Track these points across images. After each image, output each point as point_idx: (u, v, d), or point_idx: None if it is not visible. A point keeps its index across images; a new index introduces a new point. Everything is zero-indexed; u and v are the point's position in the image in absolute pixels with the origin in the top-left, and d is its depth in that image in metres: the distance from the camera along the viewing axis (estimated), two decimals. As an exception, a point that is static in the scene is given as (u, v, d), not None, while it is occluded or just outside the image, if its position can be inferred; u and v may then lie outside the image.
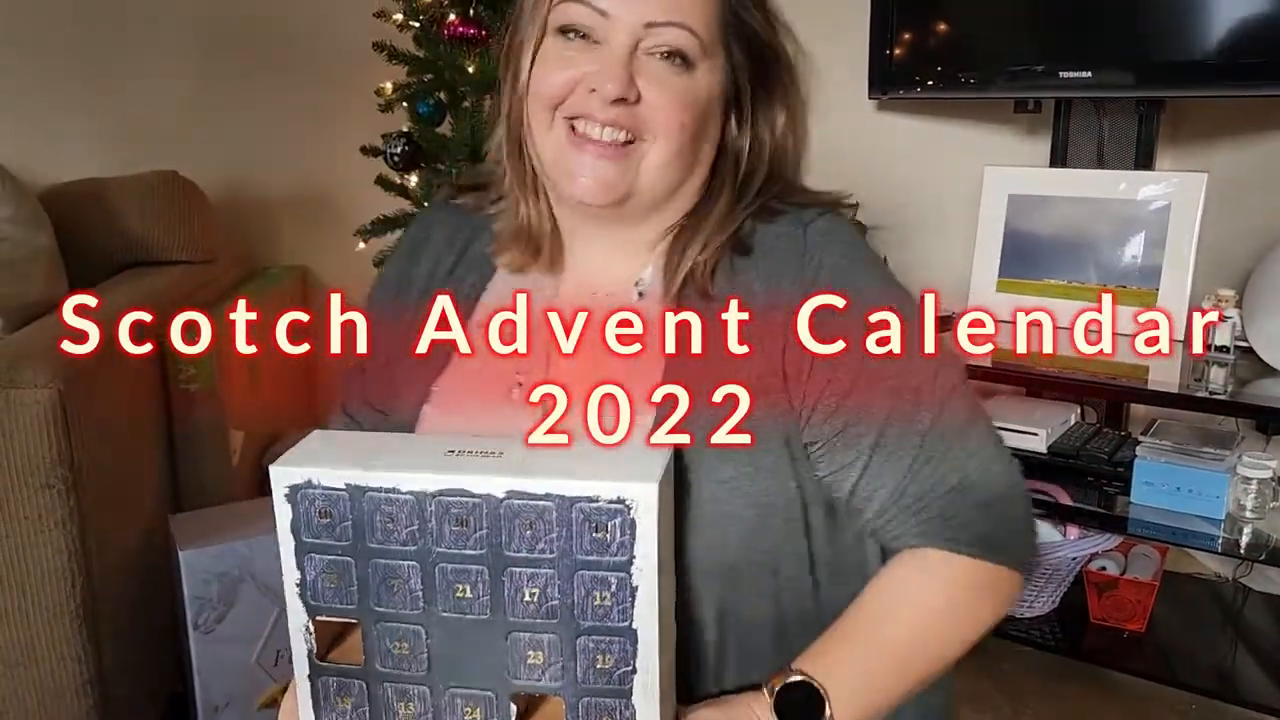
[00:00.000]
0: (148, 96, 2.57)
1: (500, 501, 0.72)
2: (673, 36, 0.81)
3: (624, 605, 0.73)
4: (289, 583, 0.76)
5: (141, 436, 1.89)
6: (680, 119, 0.82)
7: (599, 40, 0.82)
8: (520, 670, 0.75)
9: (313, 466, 0.74)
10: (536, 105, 0.85)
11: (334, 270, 2.66)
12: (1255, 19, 1.81)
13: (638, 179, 0.84)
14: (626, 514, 0.71)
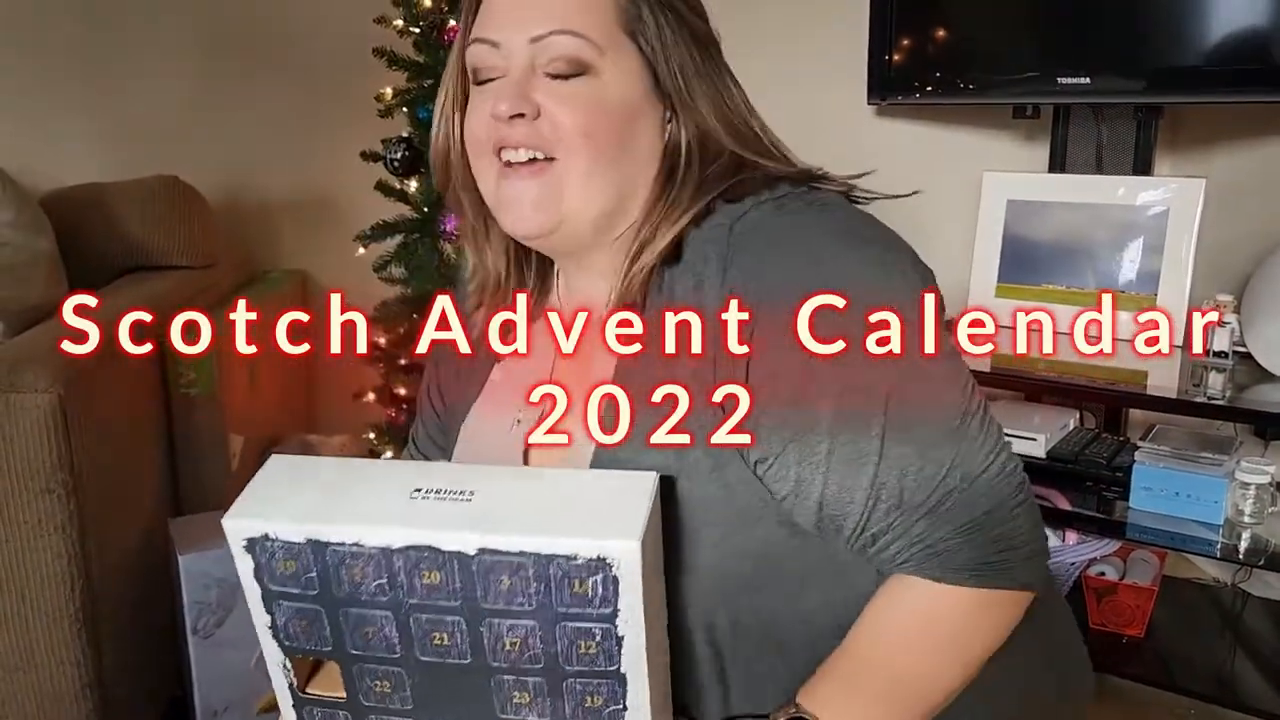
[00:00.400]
0: (148, 100, 2.57)
1: (472, 558, 0.68)
2: (562, 46, 0.81)
3: (610, 652, 0.70)
4: (260, 625, 0.74)
5: (141, 440, 1.89)
6: (584, 128, 0.81)
7: (502, 73, 0.83)
8: (508, 708, 0.73)
9: (267, 520, 0.70)
10: (474, 154, 0.86)
11: (333, 275, 2.67)
12: (1253, 26, 1.81)
13: (564, 202, 0.82)
14: (608, 571, 0.67)
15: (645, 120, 0.84)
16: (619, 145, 0.82)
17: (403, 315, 2.08)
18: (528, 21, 0.81)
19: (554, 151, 0.81)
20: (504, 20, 0.83)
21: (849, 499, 0.76)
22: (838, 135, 2.48)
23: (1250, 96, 1.88)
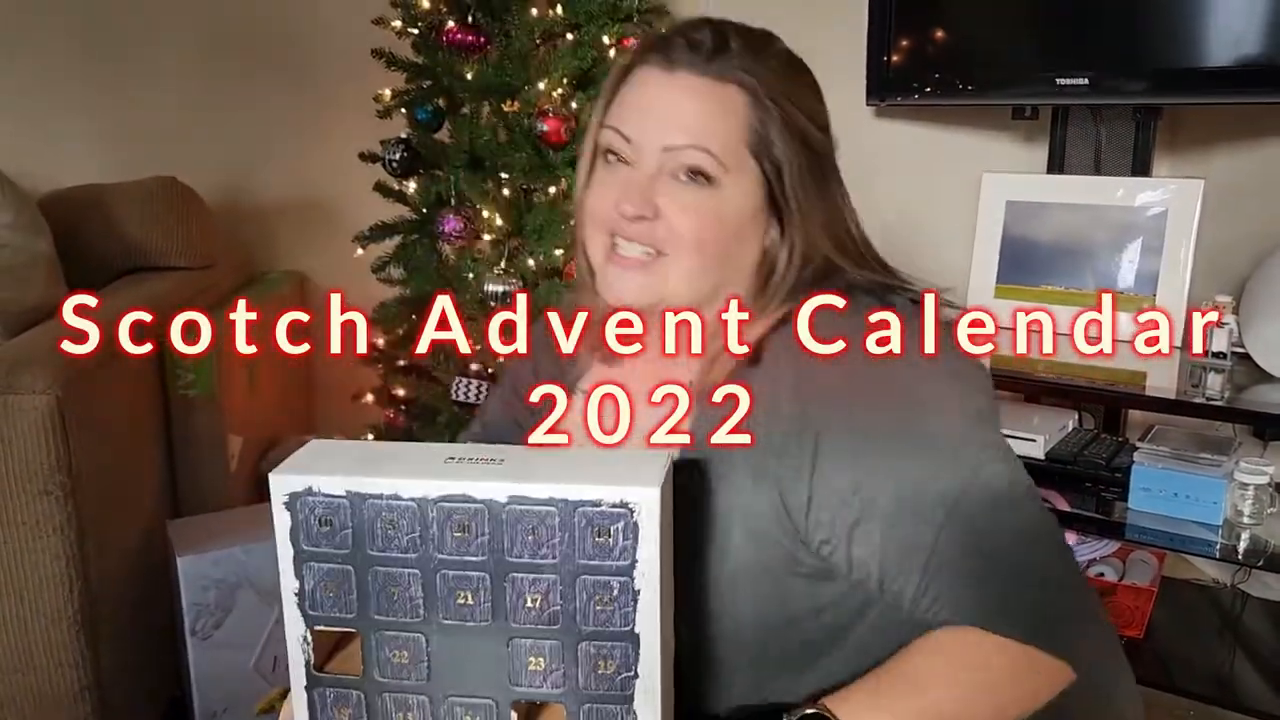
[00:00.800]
0: (147, 101, 2.57)
1: (503, 506, 0.72)
2: (690, 158, 0.86)
3: (626, 610, 0.73)
4: (287, 592, 0.75)
5: (140, 442, 1.89)
6: (699, 235, 0.87)
7: (630, 163, 0.89)
8: (521, 677, 0.75)
9: (312, 474, 0.73)
10: (590, 225, 0.93)
11: (332, 276, 2.66)
12: (1251, 27, 1.81)
13: (665, 288, 0.90)
14: (630, 518, 0.71)
15: (753, 231, 0.91)
16: (725, 253, 0.89)
17: (401, 316, 2.08)
18: (664, 130, 0.87)
19: (664, 249, 0.88)
20: (643, 122, 0.89)
21: (905, 579, 0.82)
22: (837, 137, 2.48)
23: (1248, 98, 1.88)
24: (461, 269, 1.98)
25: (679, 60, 0.87)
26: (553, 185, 1.95)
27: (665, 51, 0.88)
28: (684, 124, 0.87)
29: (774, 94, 0.88)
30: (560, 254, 1.95)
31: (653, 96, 0.88)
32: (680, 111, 0.87)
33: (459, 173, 1.96)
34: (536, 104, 1.93)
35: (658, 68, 0.88)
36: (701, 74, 0.87)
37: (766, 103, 0.87)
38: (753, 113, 0.87)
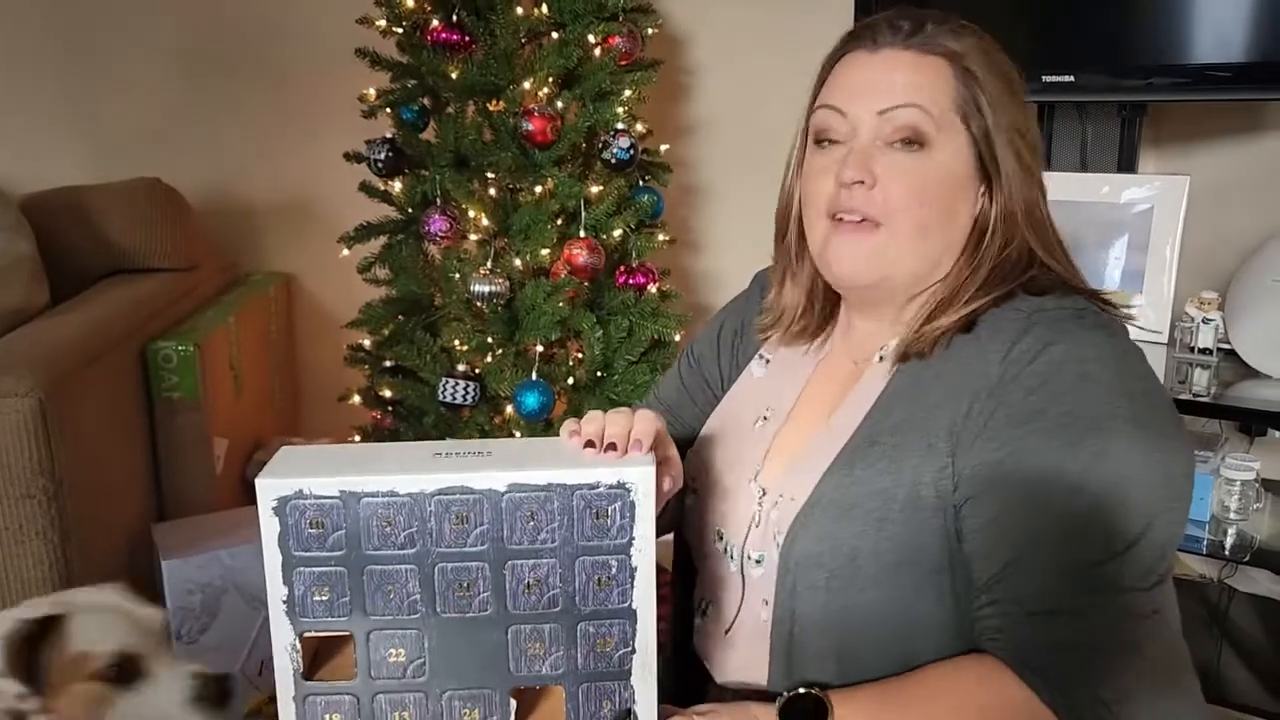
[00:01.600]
0: (129, 102, 2.56)
1: (502, 495, 0.73)
2: (905, 117, 0.89)
3: (624, 587, 0.75)
4: (274, 600, 0.75)
5: (123, 445, 1.88)
6: (915, 201, 0.90)
7: (844, 140, 0.93)
8: (521, 663, 0.76)
9: (302, 477, 0.73)
10: (810, 209, 0.96)
11: (318, 277, 2.65)
12: (1235, 24, 1.82)
13: (888, 260, 0.91)
14: (627, 497, 0.74)
15: (964, 195, 0.92)
16: (941, 217, 0.91)
17: (387, 317, 2.07)
18: (877, 95, 0.91)
19: (882, 219, 0.90)
20: (855, 92, 0.92)
21: (988, 561, 0.83)
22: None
23: (1233, 95, 1.89)
24: (447, 269, 1.97)
25: (883, 40, 0.92)
26: (538, 185, 1.95)
27: (869, 35, 0.93)
28: (894, 88, 0.90)
29: (976, 65, 0.91)
30: (546, 254, 1.94)
31: (863, 72, 0.92)
32: (890, 79, 0.90)
33: (444, 172, 1.95)
34: (521, 103, 1.92)
35: (863, 49, 0.93)
36: (905, 47, 0.91)
37: (970, 70, 0.91)
38: (958, 81, 0.90)
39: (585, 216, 1.96)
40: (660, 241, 2.10)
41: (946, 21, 0.93)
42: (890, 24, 0.93)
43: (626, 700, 0.78)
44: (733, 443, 1.02)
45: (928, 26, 0.92)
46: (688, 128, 2.54)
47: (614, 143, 1.97)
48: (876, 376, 0.94)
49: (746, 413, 1.04)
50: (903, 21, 0.93)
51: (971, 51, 0.92)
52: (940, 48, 0.91)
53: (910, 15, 0.93)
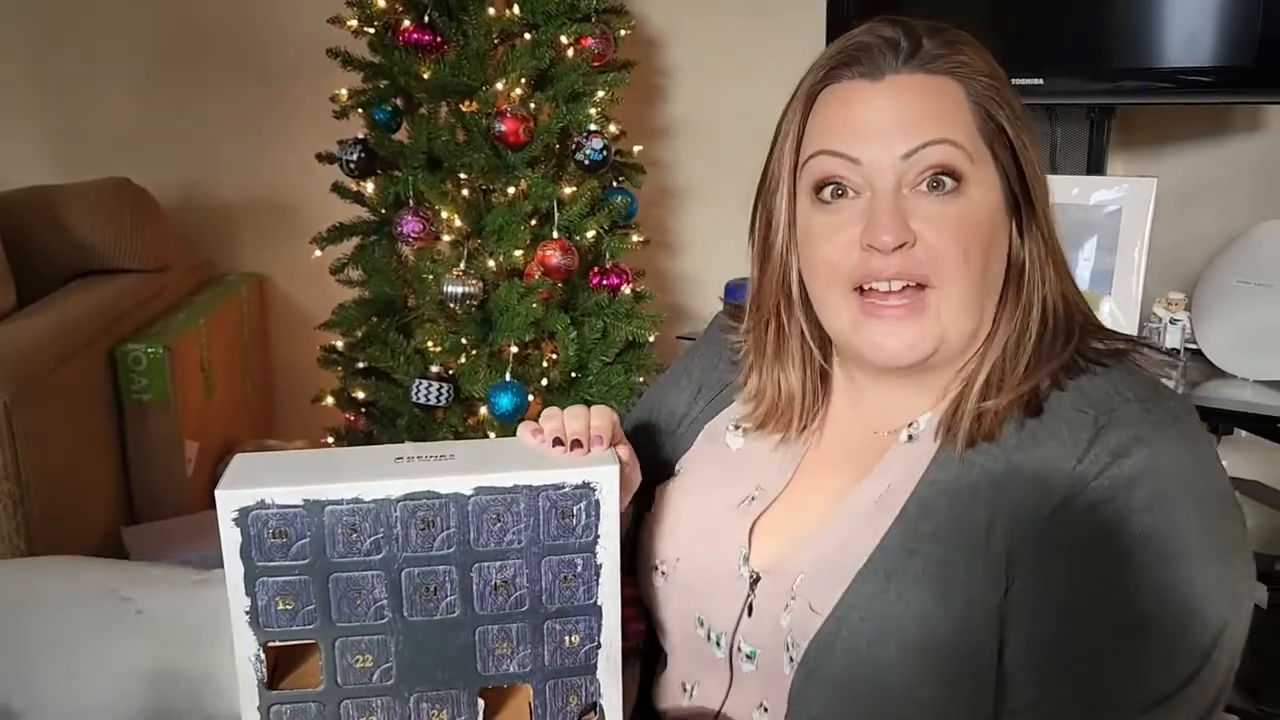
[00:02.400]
0: (98, 100, 2.53)
1: (469, 499, 0.73)
2: (936, 156, 0.76)
3: (589, 584, 0.76)
4: (237, 611, 0.74)
5: (92, 448, 1.86)
6: (962, 252, 0.76)
7: (858, 191, 0.78)
8: (488, 663, 0.77)
9: (263, 487, 0.72)
10: (823, 282, 0.80)
11: (291, 278, 2.64)
12: (1203, 29, 1.84)
13: (940, 328, 0.77)
14: (591, 496, 0.75)
15: (1001, 235, 0.79)
16: (985, 266, 0.77)
17: (360, 318, 2.06)
18: (896, 134, 0.76)
19: (929, 280, 0.76)
20: (865, 132, 0.77)
21: (1023, 681, 0.73)
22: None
23: (1201, 98, 1.91)
24: (421, 270, 1.97)
25: (884, 65, 0.77)
26: (511, 186, 1.94)
27: (864, 59, 0.78)
28: (915, 123, 0.76)
29: (987, 77, 0.79)
30: (520, 255, 1.94)
31: (868, 107, 0.77)
32: (906, 114, 0.76)
33: (417, 173, 1.94)
34: (494, 104, 1.92)
35: (861, 79, 0.78)
36: (913, 71, 0.77)
37: (984, 89, 0.78)
38: (974, 102, 0.78)
39: (559, 217, 1.96)
40: (634, 242, 2.10)
41: (938, 31, 0.80)
42: (885, 42, 0.78)
43: (592, 694, 0.79)
44: (711, 525, 0.88)
45: (924, 41, 0.78)
46: (662, 130, 2.55)
47: (587, 144, 1.97)
48: (908, 458, 0.80)
49: (726, 491, 0.89)
50: (895, 36, 0.78)
51: (977, 61, 0.79)
52: (948, 64, 0.78)
53: (901, 28, 0.79)
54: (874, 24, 0.80)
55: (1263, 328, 1.77)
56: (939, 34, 0.80)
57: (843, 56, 0.79)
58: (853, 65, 0.79)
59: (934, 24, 0.81)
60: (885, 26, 0.79)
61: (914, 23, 0.80)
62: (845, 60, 0.79)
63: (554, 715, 0.79)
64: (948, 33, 0.80)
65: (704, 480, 0.91)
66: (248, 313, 2.54)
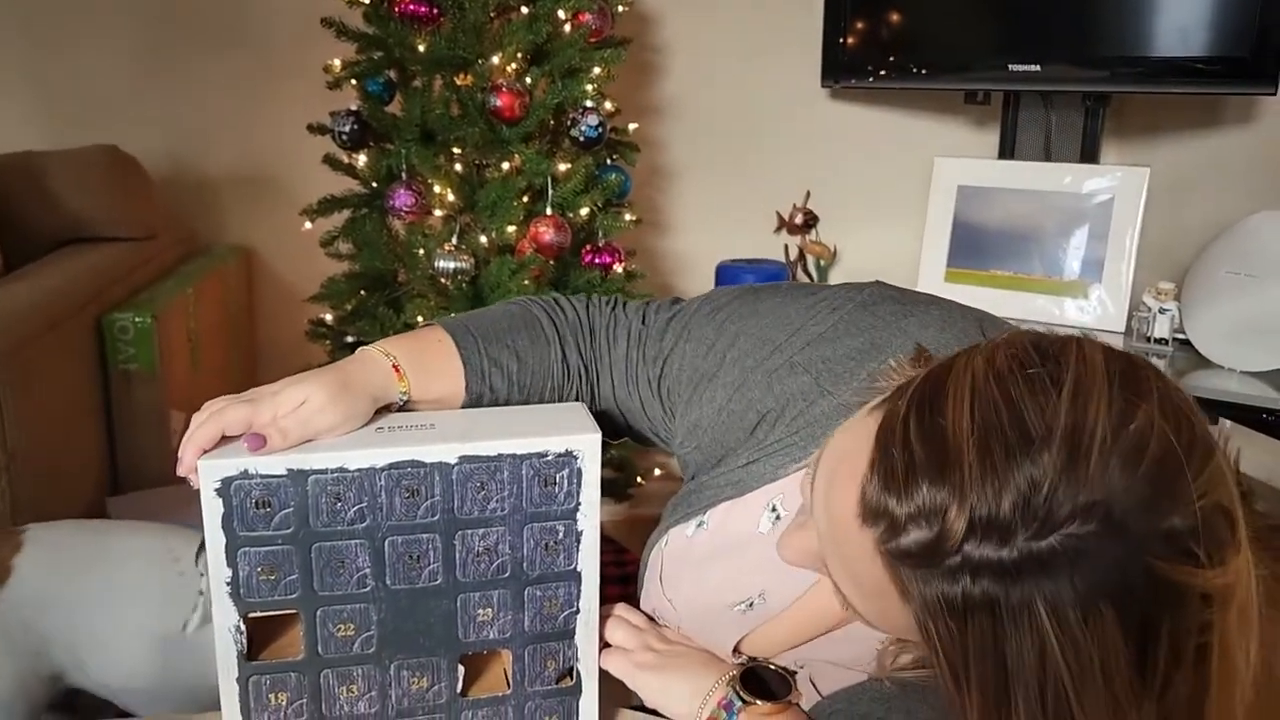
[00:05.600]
0: (86, 67, 2.50)
1: (453, 467, 0.74)
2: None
3: (570, 550, 0.78)
4: (217, 582, 0.74)
5: (78, 417, 1.85)
6: None
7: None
8: (469, 630, 0.78)
9: (245, 456, 0.72)
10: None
11: (280, 250, 2.62)
12: (1198, 19, 1.84)
13: None
14: (574, 464, 0.76)
15: None
16: None
17: (350, 292, 2.05)
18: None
19: None
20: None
21: None
22: (792, 117, 2.49)
23: (1194, 88, 1.91)
24: (412, 244, 1.95)
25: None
26: (505, 161, 1.93)
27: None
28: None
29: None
30: (512, 231, 1.93)
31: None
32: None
33: (410, 146, 1.93)
34: (490, 78, 1.90)
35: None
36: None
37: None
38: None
39: (552, 194, 1.95)
40: (628, 221, 2.09)
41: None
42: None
43: (570, 659, 0.81)
44: (705, 614, 0.85)
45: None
46: (655, 108, 2.53)
47: (582, 120, 1.96)
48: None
49: (728, 582, 0.83)
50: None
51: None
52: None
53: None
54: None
55: (1251, 319, 1.78)
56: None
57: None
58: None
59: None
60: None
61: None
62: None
63: (532, 680, 0.80)
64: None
65: (712, 557, 0.85)
66: (235, 284, 2.52)
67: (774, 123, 2.49)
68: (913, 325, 0.80)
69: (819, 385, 0.81)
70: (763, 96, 2.49)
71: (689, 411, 0.88)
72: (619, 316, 0.94)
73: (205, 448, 0.73)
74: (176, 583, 1.21)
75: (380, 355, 0.81)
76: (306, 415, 0.74)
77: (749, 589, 0.83)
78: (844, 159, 2.49)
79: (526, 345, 0.88)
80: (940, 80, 2.13)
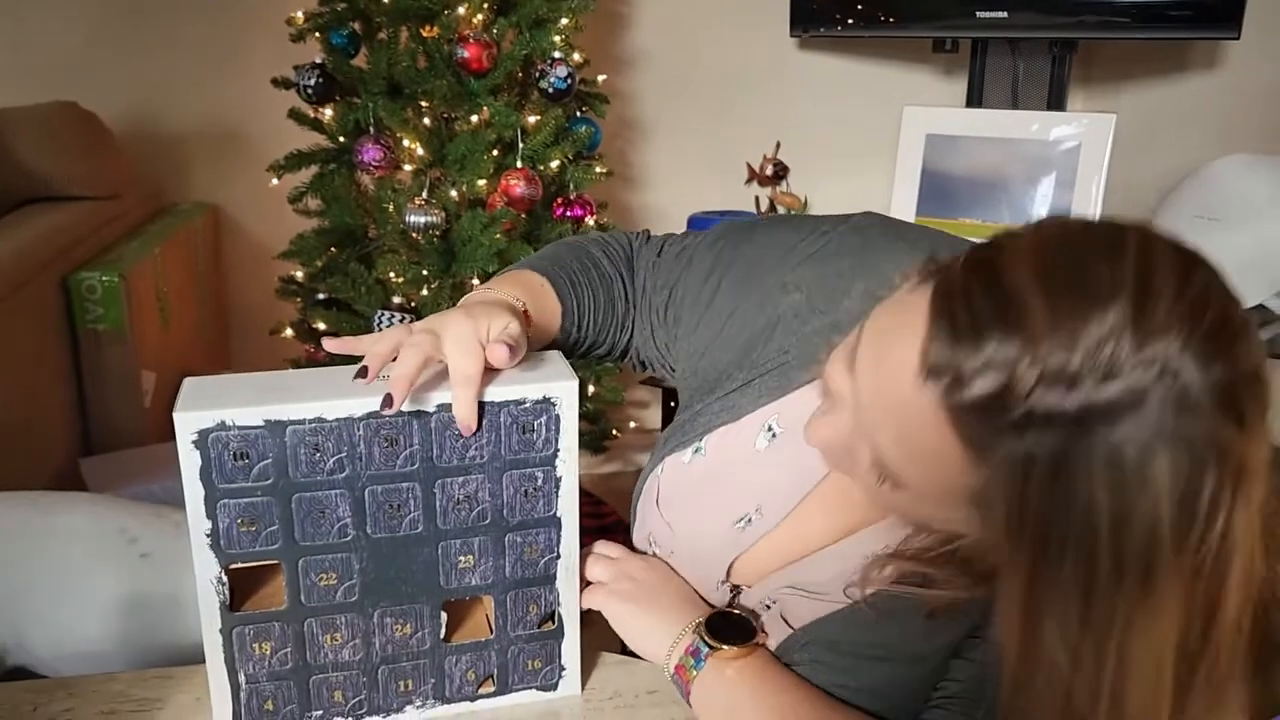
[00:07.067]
0: (44, 22, 2.44)
1: (431, 416, 0.74)
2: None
3: (549, 496, 0.78)
4: (197, 534, 0.74)
5: (47, 379, 1.83)
6: None
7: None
8: (451, 577, 0.79)
9: (222, 408, 0.71)
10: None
11: (246, 207, 2.59)
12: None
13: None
14: (552, 411, 0.76)
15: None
16: None
17: (320, 248, 2.04)
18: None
19: None
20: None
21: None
22: (761, 67, 2.48)
23: (1159, 34, 1.93)
24: (382, 199, 1.94)
25: None
26: (474, 114, 1.91)
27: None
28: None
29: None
30: (483, 184, 1.92)
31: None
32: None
33: (377, 100, 1.91)
34: (456, 29, 1.88)
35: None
36: None
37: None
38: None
39: (522, 147, 1.94)
40: (598, 174, 2.09)
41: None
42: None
43: (551, 603, 0.82)
44: (701, 539, 0.87)
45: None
46: (624, 60, 2.52)
47: (551, 72, 1.94)
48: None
49: (725, 502, 0.85)
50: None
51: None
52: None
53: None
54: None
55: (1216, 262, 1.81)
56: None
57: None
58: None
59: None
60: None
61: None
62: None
63: (514, 625, 0.82)
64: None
65: (710, 480, 0.87)
66: (203, 242, 2.49)
67: (744, 74, 2.48)
68: (903, 247, 0.82)
69: (810, 304, 0.83)
70: (732, 48, 2.48)
71: (690, 338, 0.90)
72: (645, 251, 0.97)
73: (413, 380, 0.70)
74: (133, 563, 1.17)
75: (513, 301, 0.82)
76: (518, 334, 0.75)
77: (746, 505, 0.85)
78: (813, 110, 2.49)
79: (599, 287, 0.92)
80: (908, 28, 2.13)
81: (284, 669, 0.79)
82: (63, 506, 1.23)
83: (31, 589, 1.14)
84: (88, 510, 1.23)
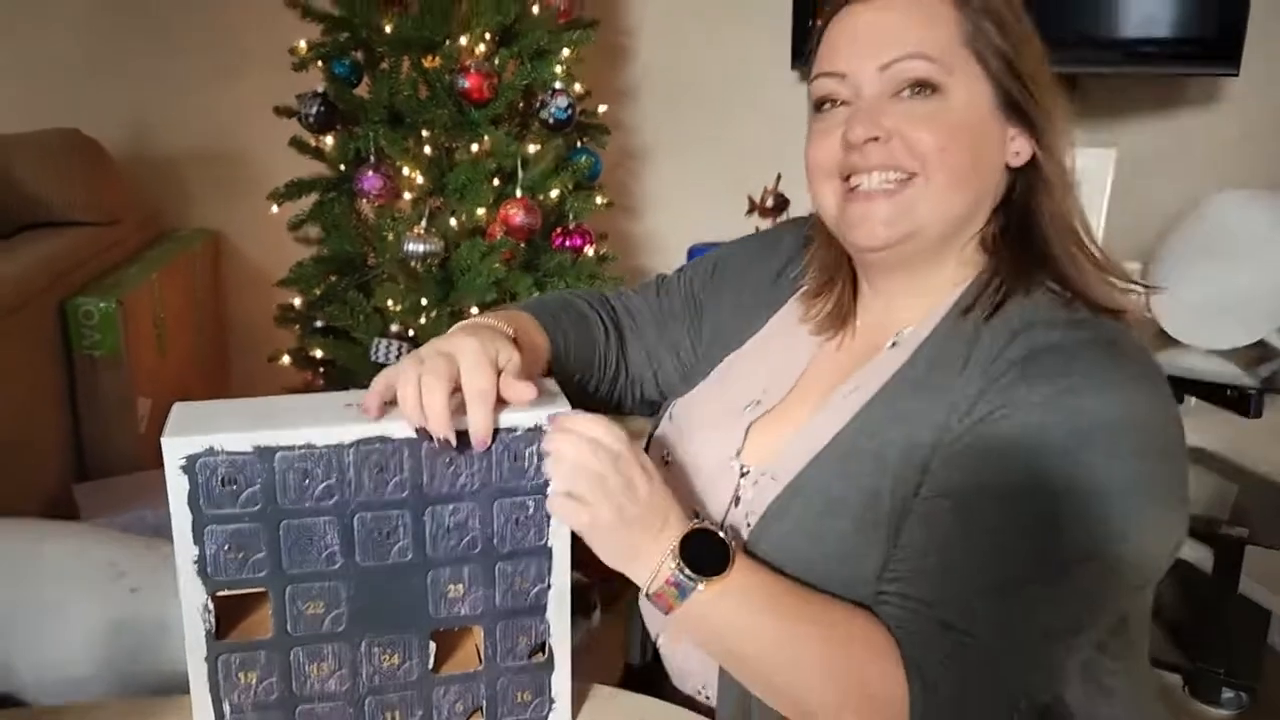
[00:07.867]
0: (47, 47, 2.46)
1: (421, 443, 0.73)
2: (909, 69, 0.82)
3: (540, 525, 0.77)
4: (184, 561, 0.73)
5: (42, 403, 1.83)
6: (940, 144, 0.82)
7: (848, 100, 0.86)
8: (440, 606, 0.77)
9: (210, 434, 0.71)
10: (813, 179, 0.90)
11: (247, 234, 2.59)
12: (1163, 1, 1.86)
13: (917, 215, 0.83)
14: (543, 439, 0.75)
15: (990, 139, 0.85)
16: (970, 162, 0.84)
17: (319, 276, 2.04)
18: (875, 51, 0.83)
19: (917, 167, 0.83)
20: (850, 52, 0.85)
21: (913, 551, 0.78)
22: (762, 99, 2.49)
23: (1160, 69, 1.93)
24: (381, 228, 1.94)
25: None
26: (475, 143, 1.92)
27: None
28: (893, 38, 0.83)
29: None
30: (482, 213, 1.92)
31: (856, 27, 0.85)
32: (886, 29, 0.84)
33: (378, 129, 1.92)
34: (458, 59, 1.89)
35: (856, 2, 0.86)
36: None
37: (973, 2, 0.84)
38: (961, 13, 0.83)
39: (522, 176, 1.94)
40: (599, 204, 2.09)
41: None
42: None
43: (542, 634, 0.80)
44: (717, 421, 0.94)
45: None
46: (626, 90, 2.53)
47: (551, 102, 1.95)
48: (887, 364, 0.86)
49: (738, 393, 0.95)
50: None
51: None
52: None
53: None
54: None
55: (1216, 297, 1.81)
56: None
57: None
58: None
59: None
60: None
61: None
62: None
63: (504, 656, 0.80)
64: None
65: (723, 381, 0.98)
66: (202, 269, 2.49)
67: (745, 106, 2.49)
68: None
69: (805, 236, 1.00)
70: (733, 79, 2.49)
71: (715, 307, 1.05)
72: (627, 291, 1.10)
73: (449, 410, 0.71)
74: (121, 597, 1.15)
75: (505, 327, 0.84)
76: (520, 364, 0.77)
77: (754, 390, 0.94)
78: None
79: (579, 319, 1.00)
80: (909, 62, 2.14)
81: (269, 699, 0.77)
82: (52, 537, 1.22)
83: (17, 617, 1.13)
84: (77, 543, 1.22)
